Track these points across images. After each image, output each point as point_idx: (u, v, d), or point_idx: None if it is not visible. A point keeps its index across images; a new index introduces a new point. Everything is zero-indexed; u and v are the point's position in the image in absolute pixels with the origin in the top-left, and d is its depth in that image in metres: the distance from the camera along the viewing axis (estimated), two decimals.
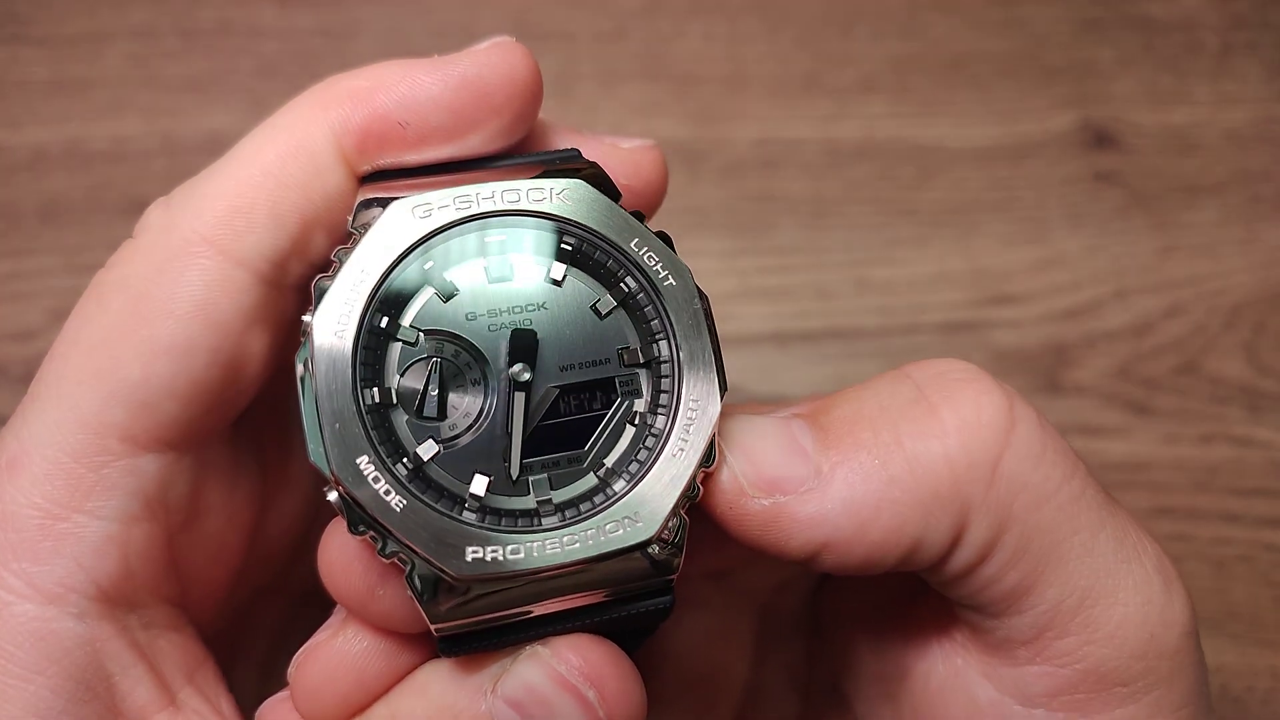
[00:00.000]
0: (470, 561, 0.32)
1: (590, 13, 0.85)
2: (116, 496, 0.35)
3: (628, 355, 0.36)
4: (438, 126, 0.35)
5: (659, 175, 0.40)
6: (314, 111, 0.36)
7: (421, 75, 0.35)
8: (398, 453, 0.33)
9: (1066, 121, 0.83)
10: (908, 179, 0.80)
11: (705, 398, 0.35)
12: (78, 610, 0.34)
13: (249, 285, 0.35)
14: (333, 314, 0.33)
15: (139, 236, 0.36)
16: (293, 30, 0.81)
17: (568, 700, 0.34)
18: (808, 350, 0.75)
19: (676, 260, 0.36)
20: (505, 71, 0.36)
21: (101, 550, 0.35)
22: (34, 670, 0.34)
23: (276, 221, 0.35)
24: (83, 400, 0.34)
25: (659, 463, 0.34)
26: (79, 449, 0.34)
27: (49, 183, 0.75)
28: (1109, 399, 0.74)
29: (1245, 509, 0.71)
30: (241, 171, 0.35)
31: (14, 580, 0.34)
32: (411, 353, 0.34)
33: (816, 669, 0.46)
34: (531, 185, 0.35)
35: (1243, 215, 0.80)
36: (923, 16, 0.86)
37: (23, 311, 0.71)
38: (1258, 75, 0.85)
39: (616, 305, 0.36)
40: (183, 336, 0.34)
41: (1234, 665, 0.66)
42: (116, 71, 0.79)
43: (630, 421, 0.35)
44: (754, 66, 0.84)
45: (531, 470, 0.34)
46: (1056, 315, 0.76)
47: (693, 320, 0.36)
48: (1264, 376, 0.75)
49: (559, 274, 0.36)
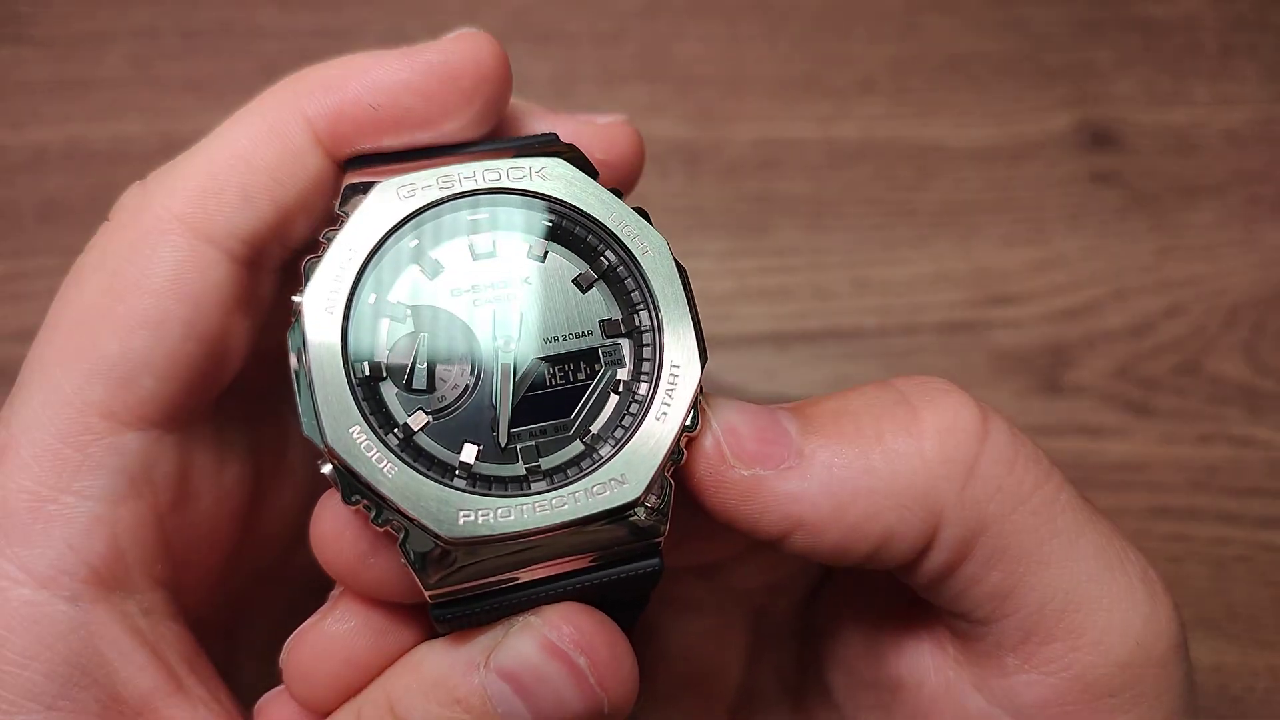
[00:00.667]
0: (462, 524, 0.33)
1: (590, 13, 0.85)
2: (102, 475, 0.35)
3: (609, 326, 0.37)
4: (409, 109, 0.37)
5: (634, 150, 0.41)
6: (287, 98, 0.37)
7: (390, 62, 0.37)
8: (389, 423, 0.34)
9: (1065, 122, 0.83)
10: (907, 179, 0.81)
11: (686, 363, 0.36)
12: (70, 593, 0.35)
13: (219, 261, 0.36)
14: (322, 291, 0.34)
15: (114, 217, 0.37)
16: (293, 31, 0.81)
17: (559, 669, 0.34)
18: (807, 350, 0.75)
19: (654, 233, 0.37)
20: (470, 56, 0.37)
21: (90, 531, 0.35)
22: (28, 656, 0.34)
23: (247, 202, 0.36)
24: (64, 380, 0.35)
25: (643, 427, 0.35)
26: (63, 429, 0.35)
27: (49, 183, 0.75)
28: (1108, 399, 0.74)
29: (1244, 509, 0.71)
30: (214, 154, 0.36)
31: (7, 565, 0.34)
32: (399, 328, 0.35)
33: (809, 674, 0.46)
34: (511, 164, 0.36)
35: (1242, 216, 0.80)
36: (922, 17, 0.86)
37: (23, 312, 0.71)
38: (1257, 76, 0.85)
39: (597, 278, 0.37)
40: (156, 311, 0.35)
41: (1233, 665, 0.66)
42: (117, 72, 0.79)
43: (614, 390, 0.37)
44: (753, 67, 0.84)
45: (519, 439, 0.35)
46: (1055, 315, 0.76)
47: (672, 290, 0.37)
48: (1263, 376, 0.75)
49: (540, 250, 0.37)
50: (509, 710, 0.34)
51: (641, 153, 0.41)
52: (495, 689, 0.34)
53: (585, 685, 0.34)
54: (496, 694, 0.34)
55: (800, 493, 0.35)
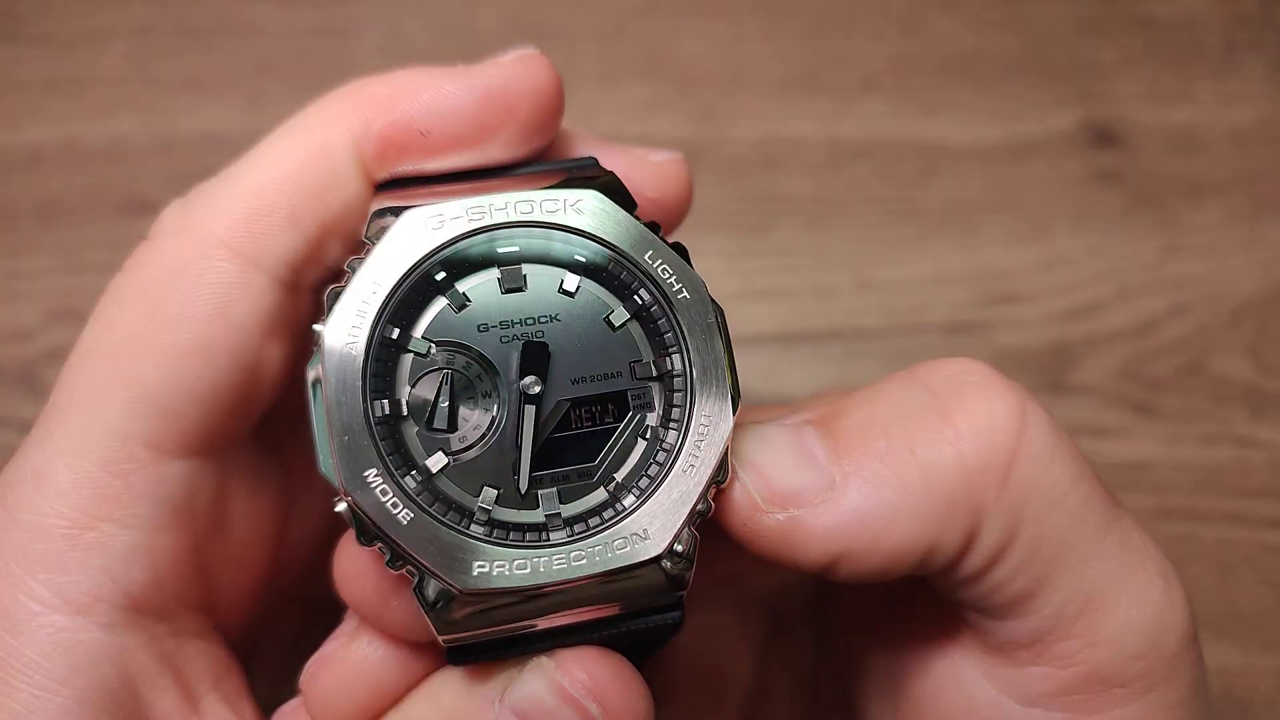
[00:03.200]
0: (476, 576, 0.32)
1: (590, 12, 0.84)
2: (144, 504, 0.34)
3: (640, 368, 0.35)
4: (459, 136, 0.35)
5: (684, 189, 0.40)
6: (336, 116, 0.36)
7: (446, 85, 0.35)
8: (407, 465, 0.33)
9: (1069, 121, 0.82)
10: (909, 178, 0.80)
11: (718, 413, 0.34)
12: (106, 620, 0.34)
13: (266, 288, 0.35)
14: (344, 324, 0.33)
15: (155, 239, 0.36)
16: (291, 29, 0.81)
17: (571, 713, 0.34)
18: (810, 350, 0.74)
19: (691, 273, 0.36)
20: (530, 83, 0.36)
21: (130, 559, 0.34)
22: (60, 682, 0.33)
23: (295, 226, 0.35)
24: (106, 408, 0.34)
25: (669, 479, 0.34)
26: (105, 458, 0.34)
27: (47, 182, 0.75)
28: (1112, 399, 0.73)
29: (1249, 510, 0.70)
30: (261, 175, 0.35)
31: (42, 591, 0.34)
32: (423, 364, 0.34)
33: (821, 667, 0.46)
34: (545, 196, 0.35)
35: (1246, 215, 0.80)
36: (924, 15, 0.86)
37: (20, 312, 0.70)
38: (1261, 75, 0.85)
39: (630, 318, 0.36)
40: (202, 340, 0.34)
41: (1237, 667, 0.65)
42: (114, 71, 0.79)
43: (642, 435, 0.35)
44: (755, 66, 0.84)
45: (541, 484, 0.34)
46: (1059, 315, 0.76)
47: (706, 334, 0.35)
48: (1267, 377, 0.74)
49: (572, 285, 0.35)
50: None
51: (690, 190, 0.40)
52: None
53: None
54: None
55: (837, 528, 0.34)
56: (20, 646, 0.33)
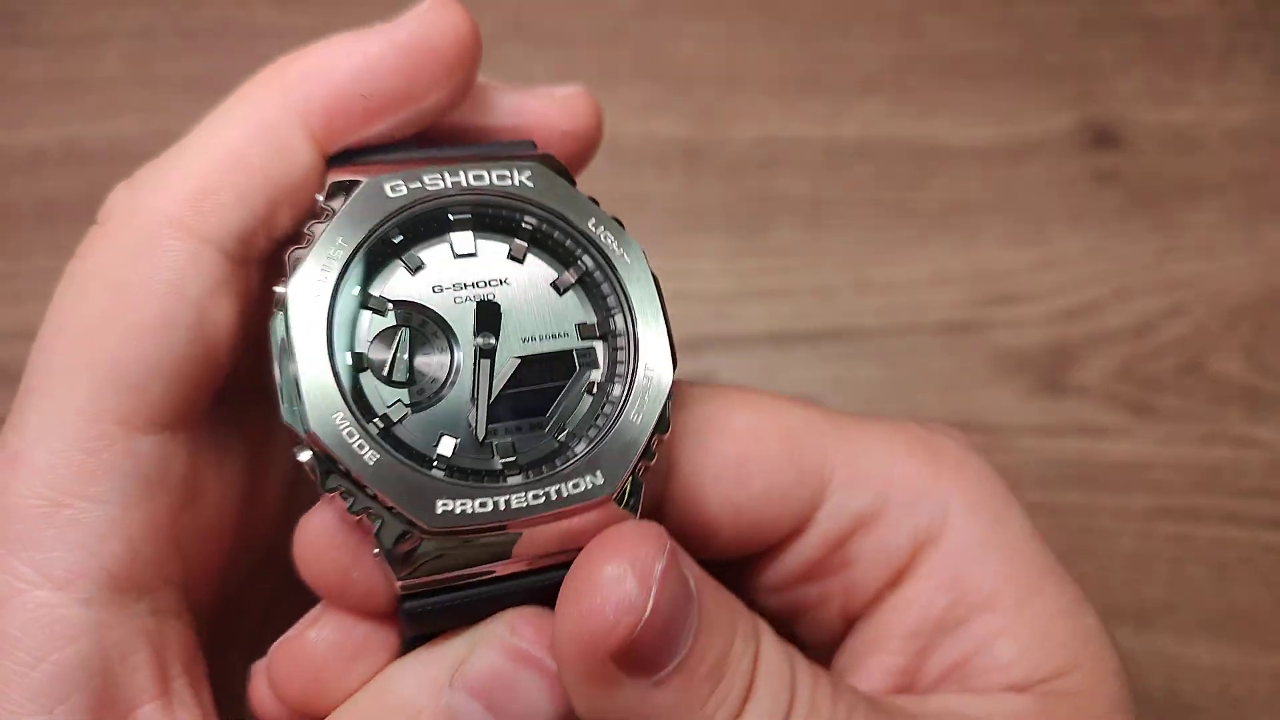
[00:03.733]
0: (440, 514, 0.33)
1: (589, 13, 0.84)
2: (118, 480, 0.35)
3: (584, 329, 0.38)
4: (396, 92, 0.37)
5: (595, 120, 0.42)
6: (275, 93, 0.37)
7: (371, 46, 0.37)
8: (369, 413, 0.35)
9: (1067, 121, 0.82)
10: (907, 179, 0.80)
11: (660, 366, 0.37)
12: (85, 596, 0.35)
13: (218, 263, 0.36)
14: (309, 281, 0.34)
15: (105, 223, 0.37)
16: (292, 30, 0.81)
17: (529, 674, 0.34)
18: (807, 351, 0.75)
19: (630, 240, 0.38)
20: (450, 28, 0.37)
21: (106, 535, 0.35)
22: (37, 656, 0.34)
23: (242, 202, 0.36)
24: (76, 389, 0.35)
25: (617, 427, 0.36)
26: (77, 437, 0.35)
27: (47, 183, 0.75)
28: (1109, 399, 0.74)
29: (1246, 510, 0.70)
30: (206, 154, 0.36)
31: (24, 569, 0.34)
32: (380, 321, 0.36)
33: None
34: (497, 168, 0.37)
35: (1244, 215, 0.80)
36: (922, 16, 0.86)
37: (21, 311, 0.71)
38: (1260, 75, 0.85)
39: (574, 282, 0.38)
40: (162, 316, 0.35)
41: (1234, 667, 0.66)
42: (115, 72, 0.79)
43: (589, 391, 0.37)
44: (752, 66, 0.84)
45: (496, 435, 0.36)
46: (1057, 315, 0.76)
47: (647, 295, 0.38)
48: (1265, 377, 0.74)
49: (519, 251, 0.38)
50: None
51: (600, 122, 0.42)
52: (464, 709, 0.34)
53: (556, 685, 0.34)
54: (465, 713, 0.34)
55: None
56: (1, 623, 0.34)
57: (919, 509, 0.39)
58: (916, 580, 0.40)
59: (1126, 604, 0.67)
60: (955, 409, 0.73)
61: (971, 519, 0.39)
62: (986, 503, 0.40)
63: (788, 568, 0.41)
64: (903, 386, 0.73)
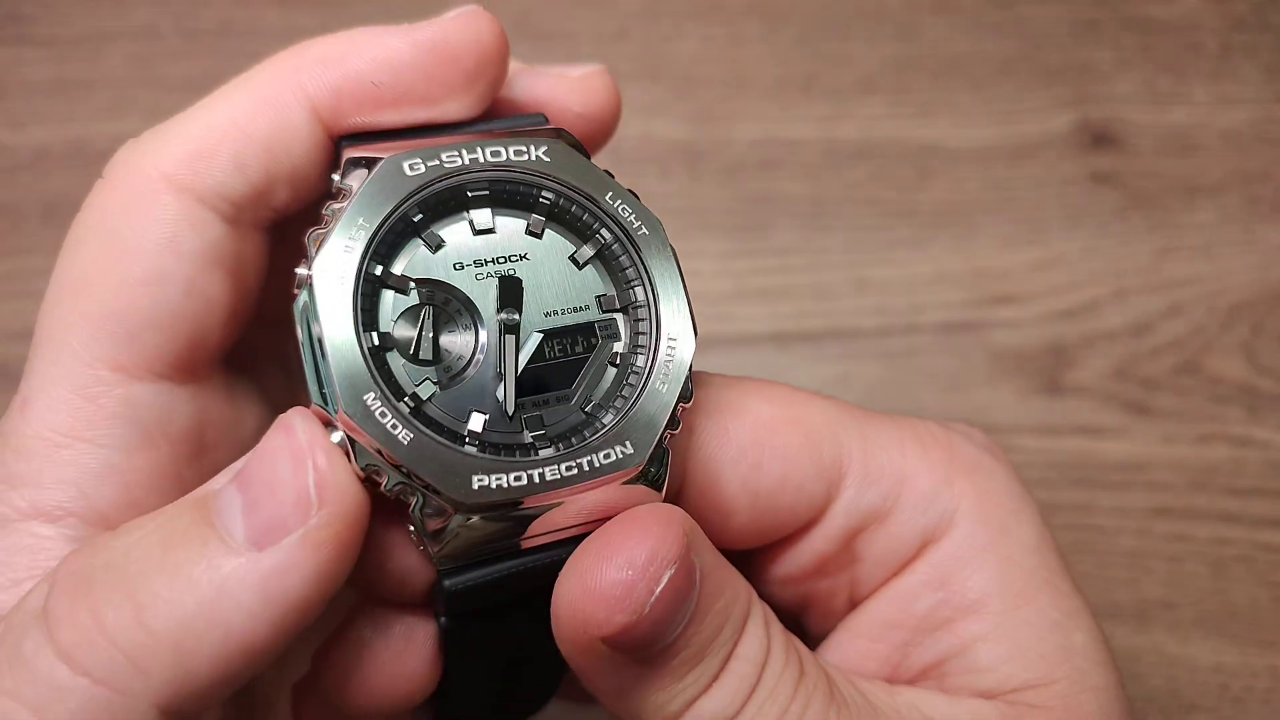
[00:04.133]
0: (477, 489, 0.33)
1: (591, 14, 0.85)
2: (115, 425, 0.36)
3: (605, 301, 0.38)
4: (410, 87, 0.37)
5: (612, 100, 0.42)
6: (287, 72, 0.37)
7: (391, 39, 0.37)
8: (398, 393, 0.35)
9: (1065, 122, 0.83)
10: (906, 179, 0.81)
11: (682, 335, 0.37)
12: (75, 534, 0.35)
13: (211, 222, 0.37)
14: (333, 262, 0.34)
15: (107, 178, 0.38)
16: (295, 30, 0.81)
17: (278, 439, 0.33)
18: (807, 351, 0.75)
19: (647, 212, 0.38)
20: (472, 36, 0.37)
21: (101, 477, 0.36)
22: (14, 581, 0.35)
23: (238, 168, 0.37)
24: (72, 336, 0.36)
25: (644, 397, 0.36)
26: (74, 382, 0.36)
27: (51, 183, 0.75)
28: (1108, 399, 0.74)
29: (1244, 509, 0.71)
30: (209, 118, 0.37)
31: (20, 502, 0.35)
32: (404, 300, 0.36)
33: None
34: (514, 144, 0.37)
35: (1241, 216, 0.80)
36: (921, 17, 0.87)
37: (25, 311, 0.71)
38: (1256, 76, 0.85)
39: (593, 255, 0.38)
40: (155, 269, 0.36)
41: (1233, 665, 0.66)
42: (119, 72, 0.79)
43: (612, 362, 0.38)
44: (753, 67, 0.84)
45: (524, 409, 0.36)
46: (1055, 315, 0.76)
47: (665, 266, 0.38)
48: (1262, 376, 0.75)
49: (538, 227, 0.38)
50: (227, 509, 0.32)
51: (618, 102, 0.42)
52: (224, 498, 0.33)
53: (299, 451, 0.32)
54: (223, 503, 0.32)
55: None
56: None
57: (928, 510, 0.40)
58: (909, 575, 0.40)
59: (1125, 603, 0.67)
60: (954, 409, 0.73)
61: (976, 524, 0.40)
62: (994, 510, 0.40)
63: (799, 561, 0.42)
64: (901, 386, 0.74)
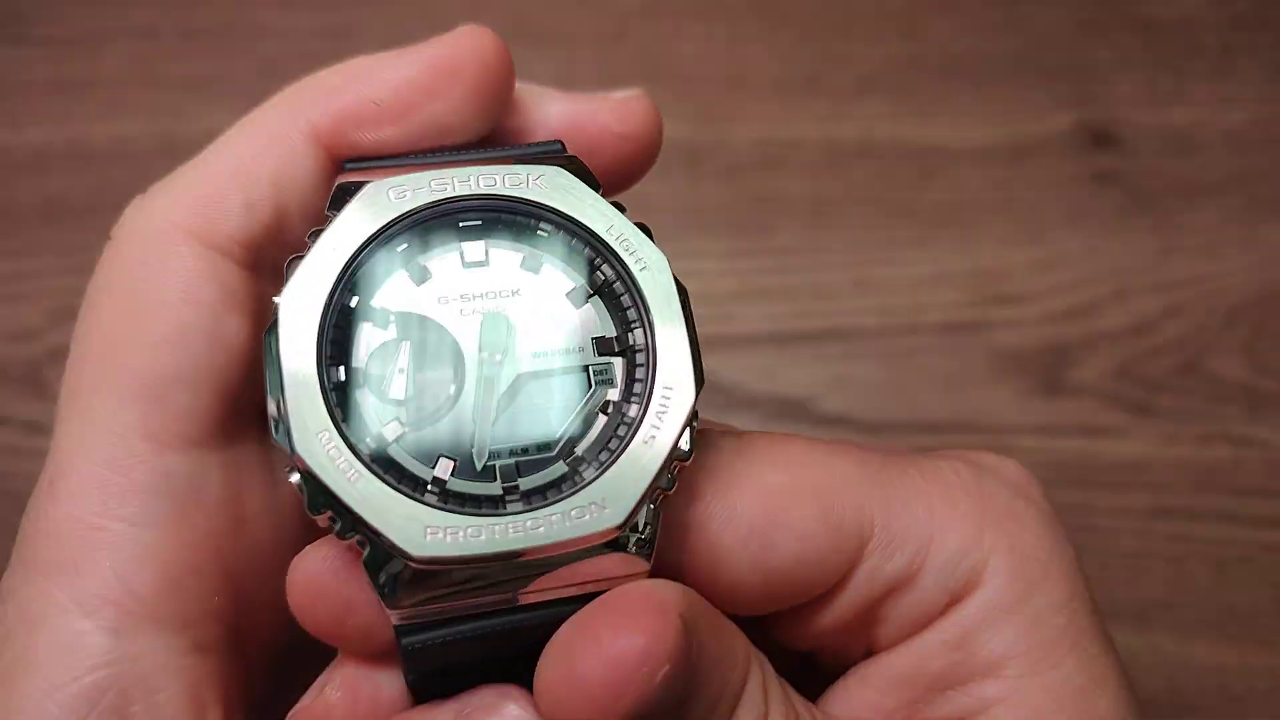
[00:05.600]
0: (429, 542, 0.31)
1: (590, 14, 0.85)
2: (151, 501, 0.34)
3: (601, 344, 0.35)
4: (413, 105, 0.36)
5: (652, 123, 0.40)
6: (290, 107, 0.37)
7: (391, 60, 0.37)
8: (360, 432, 0.32)
9: (1066, 122, 0.83)
10: (907, 179, 0.81)
11: (680, 386, 0.34)
12: (113, 625, 0.33)
13: (228, 268, 0.36)
14: (303, 289, 0.33)
15: (117, 237, 0.37)
16: (294, 31, 0.81)
17: None
18: (808, 350, 0.75)
19: (654, 250, 0.35)
20: (473, 52, 0.37)
21: (140, 560, 0.34)
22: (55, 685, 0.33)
23: (249, 210, 0.36)
24: (99, 406, 0.34)
25: (629, 450, 0.33)
26: (106, 456, 0.34)
27: (50, 183, 0.75)
28: (1109, 399, 0.74)
29: (1245, 509, 0.71)
30: (214, 165, 0.36)
31: (59, 594, 0.33)
32: (380, 334, 0.34)
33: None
34: (509, 171, 0.35)
35: (1243, 216, 0.80)
36: (923, 17, 0.86)
37: (23, 312, 0.71)
38: (1258, 76, 0.85)
39: (592, 293, 0.35)
40: (177, 324, 0.34)
41: (1234, 665, 0.66)
42: (117, 72, 0.79)
43: (603, 410, 0.34)
44: (753, 67, 0.84)
45: (499, 456, 0.33)
46: (1056, 315, 0.76)
47: (669, 309, 0.35)
48: (1264, 377, 0.75)
49: (534, 261, 0.35)
50: None
51: (659, 127, 0.40)
52: None
53: None
54: None
55: None
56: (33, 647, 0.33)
57: (955, 571, 0.37)
58: (930, 633, 0.37)
59: (1126, 603, 0.67)
60: (955, 409, 0.73)
61: (1004, 580, 0.37)
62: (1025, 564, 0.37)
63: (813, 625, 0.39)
64: (902, 386, 0.74)
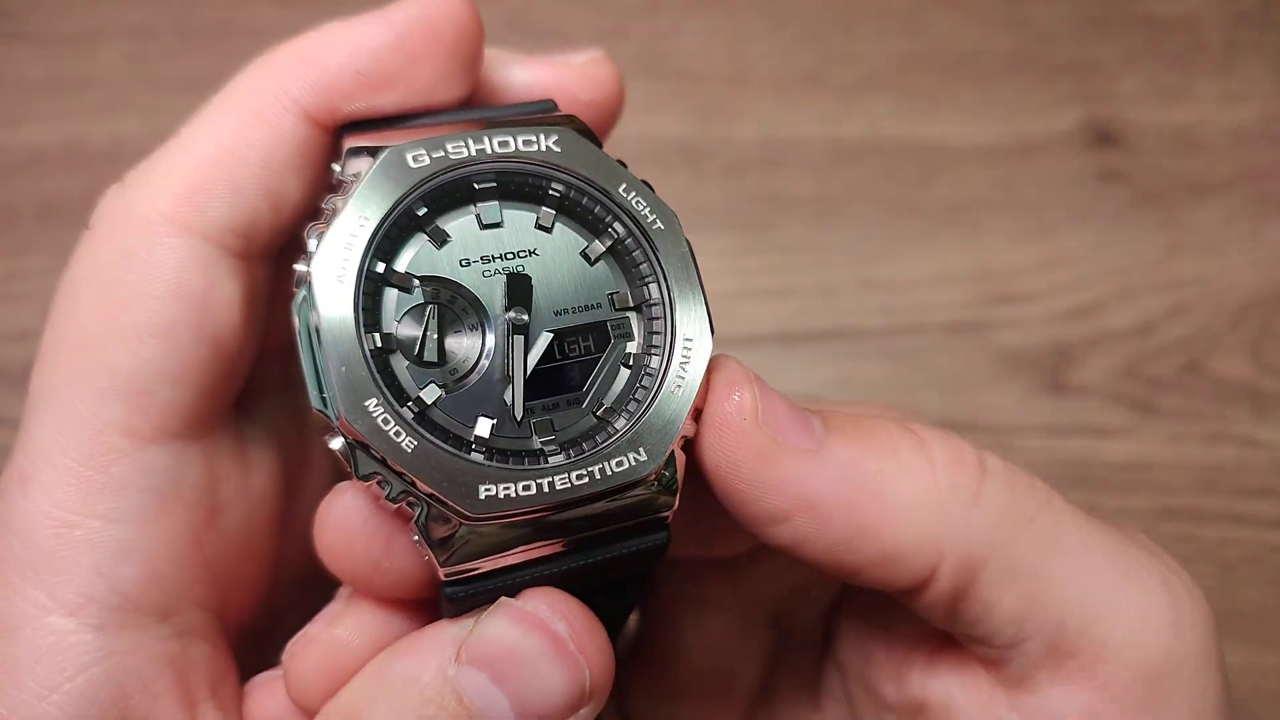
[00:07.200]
0: (484, 499, 0.32)
1: (590, 11, 0.84)
2: (129, 496, 0.34)
3: (618, 299, 0.36)
4: (396, 70, 0.36)
5: (615, 85, 0.40)
6: (266, 80, 0.36)
7: (367, 26, 0.36)
8: (402, 397, 0.33)
9: (1070, 120, 0.82)
10: (911, 178, 0.80)
11: (698, 336, 0.36)
12: (97, 622, 0.33)
13: (217, 259, 0.35)
14: (333, 259, 0.33)
15: (97, 225, 0.36)
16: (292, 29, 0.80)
17: (537, 640, 0.33)
18: (811, 350, 0.74)
19: (663, 205, 0.37)
20: (446, 10, 0.36)
21: (121, 555, 0.34)
22: (48, 687, 0.33)
23: (238, 195, 0.35)
24: (76, 400, 0.34)
25: (658, 401, 0.35)
26: (83, 451, 0.33)
27: (47, 183, 0.75)
28: (1113, 399, 0.73)
29: (1251, 509, 0.70)
30: (197, 149, 0.35)
31: (36, 593, 0.33)
32: (408, 299, 0.34)
33: (830, 683, 0.45)
34: (523, 133, 0.36)
35: (1248, 214, 0.80)
36: (926, 14, 0.86)
37: (21, 312, 0.70)
38: (1262, 73, 0.85)
39: (605, 251, 0.37)
40: (163, 318, 0.34)
41: (1240, 665, 0.66)
42: (115, 71, 0.79)
43: (625, 363, 0.36)
44: (756, 64, 0.83)
45: (533, 413, 0.35)
46: (1060, 314, 0.76)
47: (681, 263, 0.36)
48: (1269, 376, 0.74)
49: (548, 220, 0.36)
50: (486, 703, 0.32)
51: (622, 89, 0.41)
52: (470, 682, 0.32)
53: (566, 653, 0.33)
54: (471, 687, 0.32)
55: (813, 475, 0.34)
56: (14, 650, 0.33)
57: None
58: None
59: None
60: (958, 409, 0.73)
61: None
62: None
63: None
64: (906, 386, 0.73)
